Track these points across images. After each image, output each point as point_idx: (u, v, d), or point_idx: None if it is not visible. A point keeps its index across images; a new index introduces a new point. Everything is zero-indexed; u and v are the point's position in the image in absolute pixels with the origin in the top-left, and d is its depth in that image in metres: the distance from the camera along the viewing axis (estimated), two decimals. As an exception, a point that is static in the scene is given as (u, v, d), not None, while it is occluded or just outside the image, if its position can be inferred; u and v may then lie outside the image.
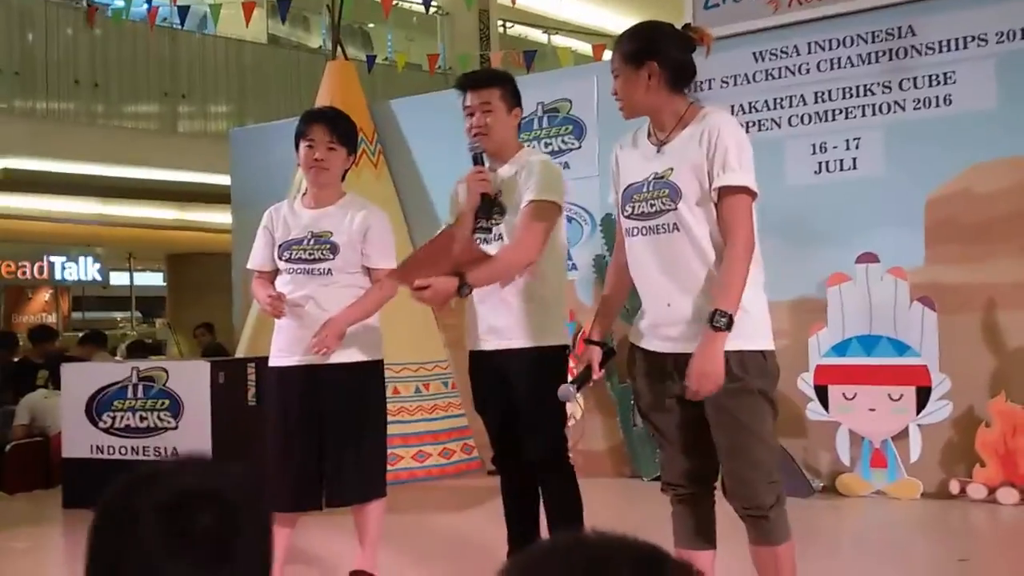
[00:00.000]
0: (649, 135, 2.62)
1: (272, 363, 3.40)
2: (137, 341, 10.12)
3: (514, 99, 3.15)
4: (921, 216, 4.84)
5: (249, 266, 3.51)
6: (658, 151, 2.56)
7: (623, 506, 5.08)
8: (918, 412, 4.73)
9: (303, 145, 3.35)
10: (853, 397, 4.86)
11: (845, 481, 4.86)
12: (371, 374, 3.37)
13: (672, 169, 2.51)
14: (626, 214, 2.61)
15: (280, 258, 3.37)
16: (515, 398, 3.05)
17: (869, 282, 4.84)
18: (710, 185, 2.47)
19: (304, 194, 3.47)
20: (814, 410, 4.93)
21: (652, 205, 2.53)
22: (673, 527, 2.63)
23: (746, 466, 2.48)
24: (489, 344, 3.09)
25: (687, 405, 2.53)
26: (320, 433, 3.28)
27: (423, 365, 6.08)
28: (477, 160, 3.11)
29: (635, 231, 2.58)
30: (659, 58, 2.54)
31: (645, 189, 2.55)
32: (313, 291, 3.30)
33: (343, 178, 3.46)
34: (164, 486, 0.88)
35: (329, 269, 3.30)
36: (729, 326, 2.37)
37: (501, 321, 3.05)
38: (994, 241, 4.68)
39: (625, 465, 5.67)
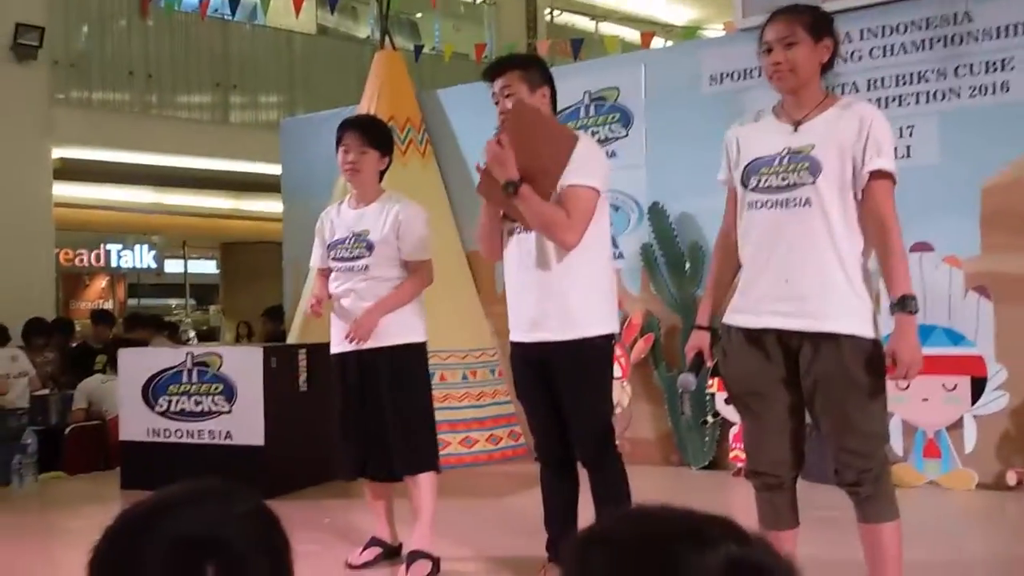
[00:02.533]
0: (778, 116, 2.61)
1: (332, 351, 3.67)
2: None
3: (538, 79, 3.11)
4: (977, 204, 4.75)
5: (311, 264, 3.83)
6: (795, 129, 2.56)
7: (672, 494, 5.07)
8: (973, 403, 4.66)
9: (340, 150, 3.60)
10: (907, 387, 4.77)
11: (898, 472, 4.78)
12: (412, 355, 3.57)
13: (813, 145, 2.51)
14: (751, 186, 2.58)
15: (329, 257, 3.65)
16: (560, 392, 3.05)
17: (923, 271, 4.76)
18: (857, 168, 2.48)
19: (351, 196, 3.72)
20: (865, 400, 4.87)
21: (785, 179, 2.52)
22: (759, 511, 2.65)
23: (853, 437, 2.49)
24: (532, 335, 3.07)
25: (791, 389, 2.54)
26: (370, 412, 3.53)
27: (470, 352, 6.12)
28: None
29: (759, 204, 2.57)
30: (833, 38, 2.58)
31: (778, 163, 2.54)
32: (353, 286, 3.56)
33: (381, 178, 3.69)
34: (170, 530, 0.84)
35: (367, 265, 3.54)
36: (917, 309, 2.43)
37: (544, 311, 3.02)
38: (1052, 230, 4.58)
39: (673, 453, 5.66)
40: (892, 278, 2.46)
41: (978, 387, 4.65)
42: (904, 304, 2.41)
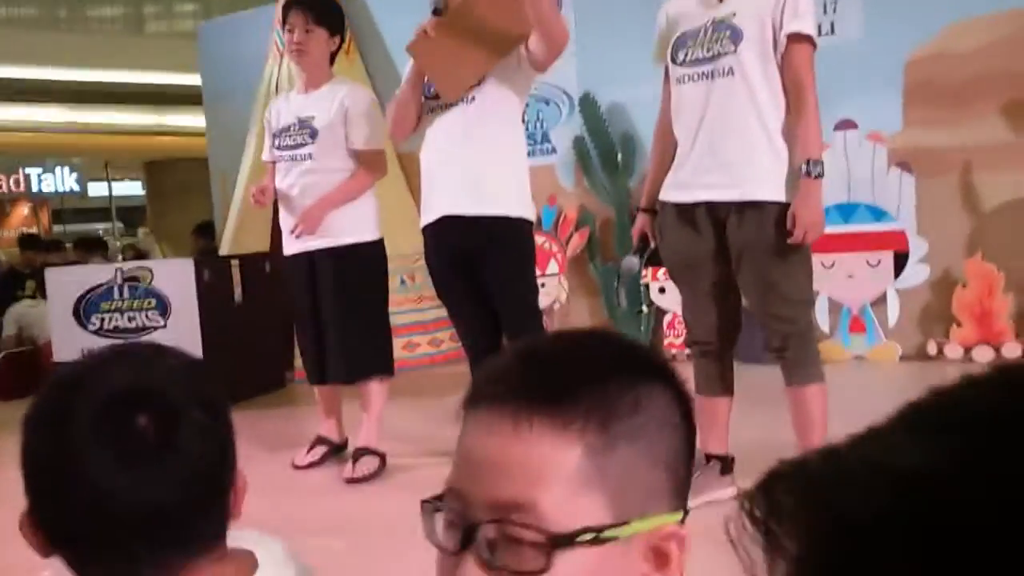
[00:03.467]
0: None
1: (284, 252, 3.54)
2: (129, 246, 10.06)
3: None
4: (900, 80, 4.80)
5: (263, 158, 3.65)
6: (719, 0, 2.57)
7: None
8: (896, 277, 4.80)
9: (285, 31, 3.40)
10: (831, 265, 4.92)
11: (825, 348, 4.92)
12: (363, 256, 3.43)
13: (735, 13, 2.53)
14: (678, 61, 2.62)
15: (273, 147, 3.46)
16: (483, 274, 3.04)
17: (848, 148, 4.84)
18: (776, 32, 2.50)
19: (301, 81, 3.52)
20: (794, 280, 4.99)
21: (709, 49, 2.55)
22: (695, 378, 2.76)
23: (776, 301, 2.57)
24: (452, 210, 3.02)
25: (719, 261, 2.62)
26: (322, 314, 3.43)
27: (406, 257, 6.10)
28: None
29: (686, 78, 2.60)
30: None
31: (703, 34, 2.56)
32: (296, 179, 3.38)
33: (332, 61, 3.48)
34: (99, 384, 0.83)
35: (310, 154, 3.35)
36: (822, 173, 2.46)
37: (469, 185, 2.99)
38: (972, 102, 4.66)
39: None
40: (802, 140, 2.51)
41: (900, 261, 4.79)
42: (809, 168, 2.47)
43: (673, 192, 2.67)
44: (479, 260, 3.05)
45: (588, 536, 0.63)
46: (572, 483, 0.64)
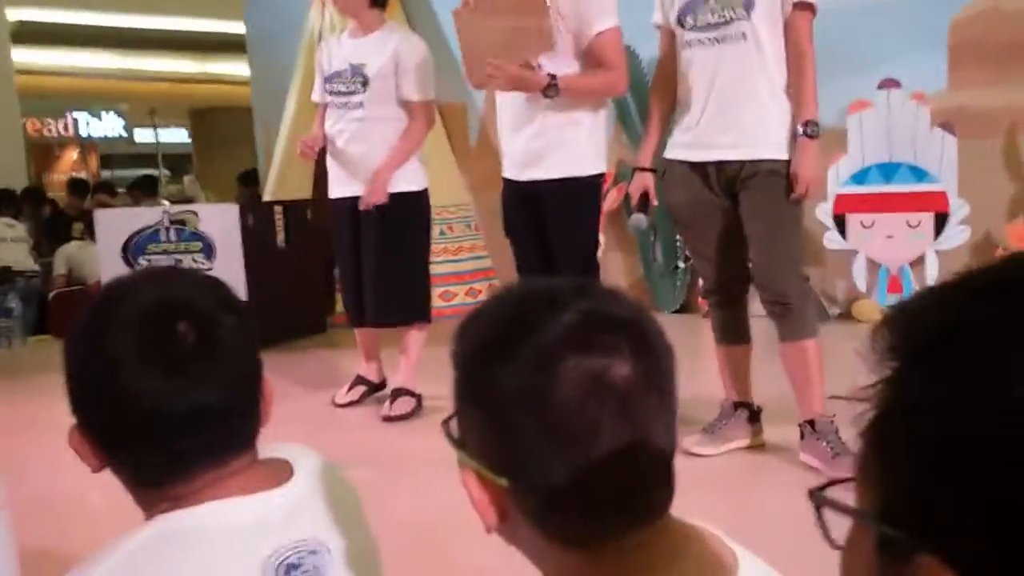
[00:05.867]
0: None
1: (330, 196, 3.59)
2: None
3: None
4: (945, 39, 4.74)
5: (313, 99, 3.64)
6: None
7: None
8: (936, 238, 4.79)
9: None
10: (871, 225, 4.91)
11: (861, 307, 4.97)
12: (408, 204, 3.47)
13: None
14: (687, 26, 2.70)
15: (326, 91, 3.47)
16: (549, 227, 3.07)
17: (891, 108, 4.80)
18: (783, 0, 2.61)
19: (352, 25, 3.53)
20: (832, 239, 5.00)
21: (720, 16, 2.64)
22: (712, 327, 2.91)
23: (778, 257, 2.67)
24: (524, 174, 3.08)
25: (727, 215, 2.73)
26: (364, 259, 3.49)
27: (445, 208, 6.16)
28: None
29: (697, 42, 2.69)
30: None
31: (713, 0, 2.65)
32: (346, 126, 3.42)
33: (383, 5, 3.47)
34: (136, 299, 0.88)
35: (361, 102, 3.38)
36: (819, 133, 2.61)
37: (537, 149, 3.02)
38: (1018, 63, 4.59)
39: (644, 299, 5.80)
40: (801, 103, 2.64)
41: (941, 223, 4.76)
42: (808, 129, 2.62)
43: (682, 151, 2.76)
44: (547, 206, 3.06)
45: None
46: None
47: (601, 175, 3.12)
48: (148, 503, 0.90)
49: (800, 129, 2.62)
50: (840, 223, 4.98)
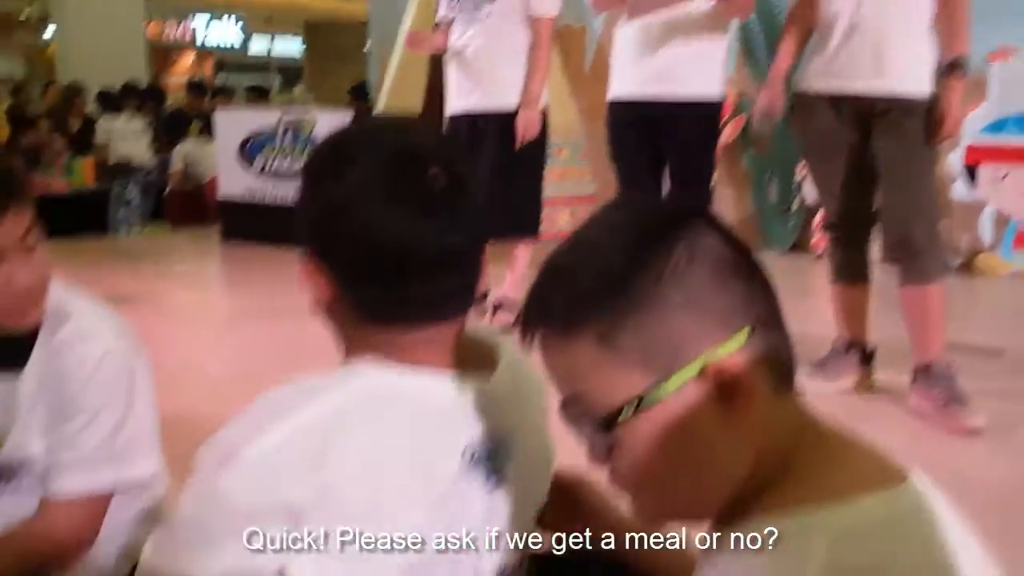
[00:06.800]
0: None
1: (448, 113, 3.59)
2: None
3: None
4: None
5: (440, 14, 3.61)
6: None
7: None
8: (1072, 196, 4.54)
9: None
10: (1004, 177, 4.68)
11: (984, 260, 4.76)
12: None
13: None
14: None
15: (451, 3, 3.48)
16: (673, 150, 3.06)
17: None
18: None
19: None
20: (959, 189, 4.78)
21: None
22: (831, 264, 2.82)
23: (908, 200, 2.55)
24: (647, 89, 3.02)
25: (857, 150, 2.62)
26: (480, 173, 3.44)
27: (555, 132, 6.10)
28: None
29: None
30: None
31: None
32: (470, 39, 3.42)
33: None
34: (381, 141, 0.88)
35: (490, 13, 3.38)
36: (967, 71, 2.50)
37: (669, 64, 2.98)
38: None
39: (755, 237, 5.67)
40: (952, 37, 2.51)
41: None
42: (957, 65, 2.49)
43: (818, 81, 2.65)
44: (672, 128, 3.03)
45: (631, 408, 0.67)
46: (599, 369, 0.68)
47: (723, 103, 3.09)
48: (356, 344, 0.88)
49: (948, 66, 2.49)
50: (971, 173, 4.76)
